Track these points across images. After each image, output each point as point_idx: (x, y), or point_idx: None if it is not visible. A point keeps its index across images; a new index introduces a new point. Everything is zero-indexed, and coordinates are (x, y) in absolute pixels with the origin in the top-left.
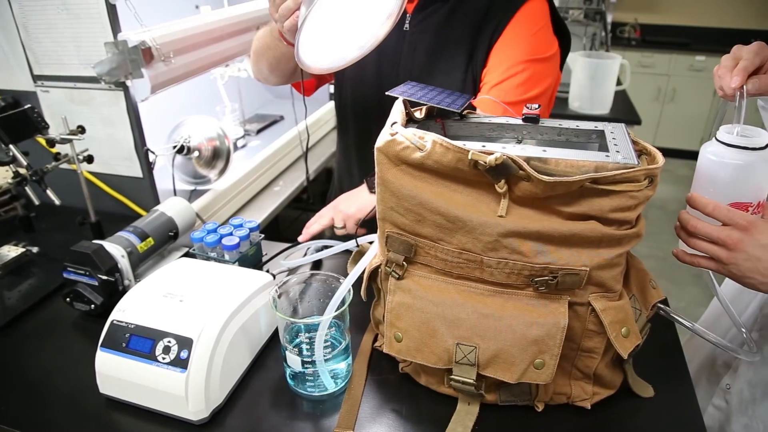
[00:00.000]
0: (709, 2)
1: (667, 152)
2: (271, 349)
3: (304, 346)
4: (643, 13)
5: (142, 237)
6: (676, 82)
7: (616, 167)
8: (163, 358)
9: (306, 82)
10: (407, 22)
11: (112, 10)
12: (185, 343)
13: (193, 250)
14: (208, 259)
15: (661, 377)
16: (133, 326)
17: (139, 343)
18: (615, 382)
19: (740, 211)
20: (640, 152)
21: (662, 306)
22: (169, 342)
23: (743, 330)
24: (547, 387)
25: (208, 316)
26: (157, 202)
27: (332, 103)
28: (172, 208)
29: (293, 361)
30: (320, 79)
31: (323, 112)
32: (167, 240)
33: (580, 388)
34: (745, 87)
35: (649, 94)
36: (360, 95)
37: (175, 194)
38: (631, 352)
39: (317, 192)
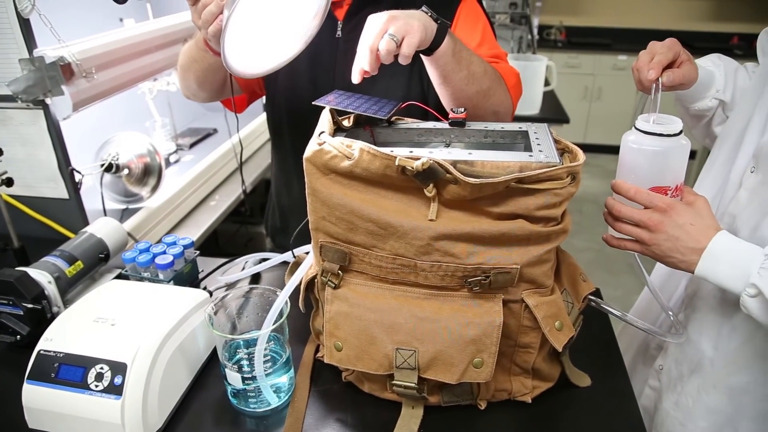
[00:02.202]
0: (628, 5)
1: (597, 148)
2: (211, 368)
3: (244, 362)
4: (568, 16)
5: (70, 261)
6: (602, 81)
7: (540, 166)
8: (96, 386)
9: (237, 99)
10: (339, 29)
11: (25, 24)
12: (119, 368)
13: (126, 271)
14: (141, 279)
15: (597, 366)
16: (62, 355)
17: (70, 372)
18: (553, 374)
19: (660, 194)
20: (563, 151)
21: (593, 298)
22: (101, 368)
23: (670, 313)
24: (488, 385)
25: (141, 339)
26: (86, 224)
27: (266, 115)
28: (102, 228)
29: (233, 379)
30: (251, 95)
31: (257, 123)
32: (98, 262)
33: (520, 383)
34: (660, 79)
35: (577, 93)
36: (295, 106)
37: (105, 214)
38: (566, 344)
39: (256, 204)
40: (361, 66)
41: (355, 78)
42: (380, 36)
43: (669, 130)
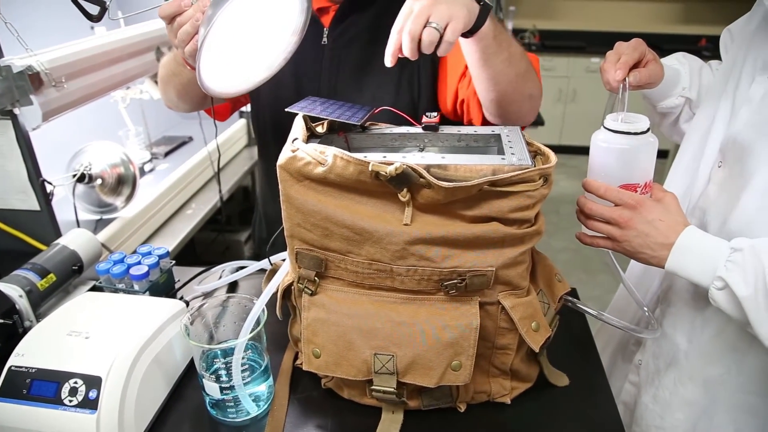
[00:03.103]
0: (600, 8)
1: (573, 149)
2: (189, 379)
3: (222, 372)
4: (542, 20)
5: (42, 274)
6: (576, 83)
7: (512, 169)
8: (70, 401)
9: (220, 107)
10: (325, 35)
11: None
12: (93, 382)
13: (100, 282)
14: (116, 291)
15: (575, 365)
16: (34, 370)
17: (42, 387)
18: (531, 375)
19: (629, 191)
20: (535, 153)
21: (569, 298)
22: (75, 383)
23: (645, 309)
24: (468, 387)
25: (116, 351)
26: (59, 235)
27: (243, 121)
28: (75, 240)
29: (211, 389)
30: (235, 103)
31: (234, 130)
32: (71, 275)
33: (498, 384)
34: (627, 79)
35: (552, 95)
36: (280, 116)
37: (78, 225)
38: (543, 345)
39: (234, 212)
40: (397, 50)
41: (389, 61)
42: (422, 23)
43: (637, 129)
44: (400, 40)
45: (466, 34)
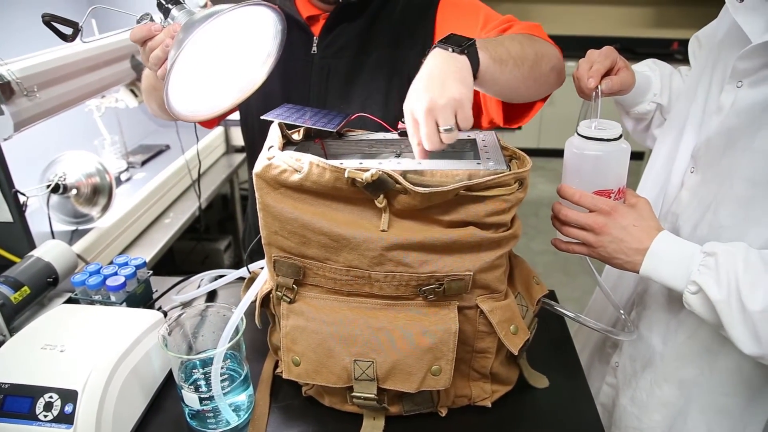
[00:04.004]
0: (575, 13)
1: (551, 152)
2: (168, 390)
3: (201, 382)
4: None
5: (16, 287)
6: None
7: (488, 173)
8: (45, 416)
9: None
10: (314, 45)
11: None
12: (69, 396)
13: (76, 294)
14: (92, 302)
15: (555, 367)
16: (6, 386)
17: (16, 403)
18: (511, 378)
19: (603, 197)
20: (511, 157)
21: (546, 300)
22: (50, 397)
23: (621, 312)
24: (448, 392)
25: (93, 364)
26: (33, 247)
27: (221, 129)
28: (50, 252)
29: (190, 400)
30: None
31: (212, 138)
32: (46, 287)
33: (479, 388)
34: (599, 87)
35: None
36: (269, 125)
37: (53, 237)
38: (522, 347)
39: (213, 220)
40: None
41: (421, 156)
42: (434, 129)
43: (609, 135)
44: (424, 150)
45: None
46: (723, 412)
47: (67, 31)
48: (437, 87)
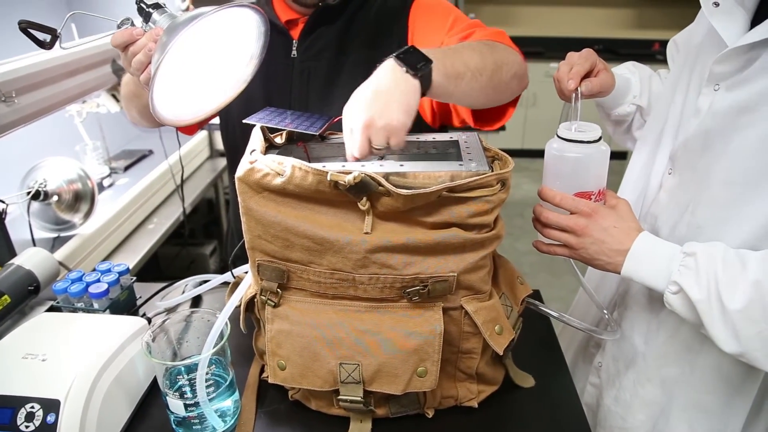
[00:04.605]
0: (558, 15)
1: (535, 153)
2: (153, 397)
3: (186, 389)
4: (500, 26)
5: None
6: (535, 88)
7: (470, 175)
8: (27, 427)
9: None
10: (294, 48)
11: None
12: (51, 405)
13: (58, 302)
14: (74, 310)
15: (540, 366)
16: None
17: None
18: (497, 378)
19: (584, 199)
20: (493, 158)
21: (531, 300)
22: (32, 408)
23: (604, 311)
24: (435, 393)
25: (75, 373)
26: (13, 255)
27: (204, 133)
28: (31, 259)
29: (176, 406)
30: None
31: (195, 142)
32: (27, 295)
33: (465, 388)
34: (579, 89)
35: None
36: (251, 131)
37: (34, 244)
38: (507, 347)
39: (198, 225)
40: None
41: (350, 159)
42: (367, 146)
43: (589, 137)
44: (353, 155)
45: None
46: (704, 411)
47: (45, 38)
48: (379, 107)
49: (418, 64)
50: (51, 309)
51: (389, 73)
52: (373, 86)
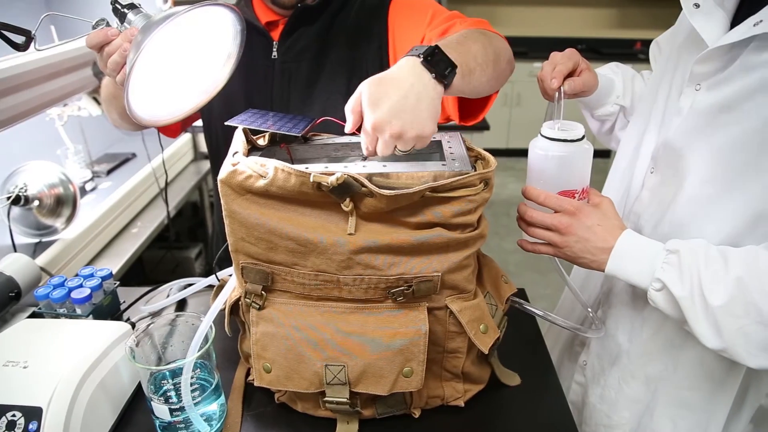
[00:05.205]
0: (542, 15)
1: (521, 152)
2: (138, 402)
3: (171, 393)
4: None
5: None
6: (520, 88)
7: (453, 175)
8: None
9: (170, 125)
10: (274, 49)
11: None
12: (33, 413)
13: (40, 308)
14: (57, 316)
15: (526, 365)
16: None
17: None
18: (483, 376)
19: (568, 198)
20: (476, 158)
21: (515, 299)
22: (13, 416)
23: (588, 310)
24: (421, 393)
25: (57, 379)
26: None
27: (188, 136)
28: (11, 265)
29: (161, 411)
30: (185, 120)
31: (179, 145)
32: (8, 302)
33: (451, 388)
34: (562, 88)
35: (498, 100)
36: (232, 132)
37: (15, 250)
38: (492, 346)
39: (183, 228)
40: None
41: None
42: (392, 149)
43: (572, 136)
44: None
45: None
46: (688, 407)
47: (19, 39)
48: (409, 116)
49: (445, 70)
50: (33, 315)
51: (417, 78)
52: (399, 90)
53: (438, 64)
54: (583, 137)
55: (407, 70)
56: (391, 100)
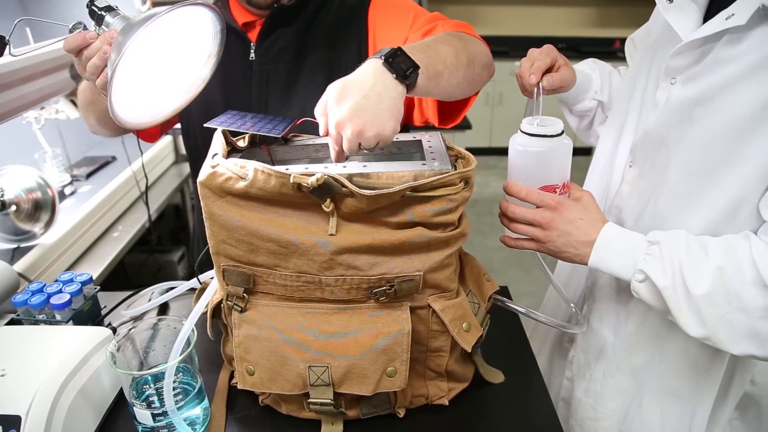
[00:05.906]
0: (521, 14)
1: (503, 151)
2: (120, 408)
3: (154, 398)
4: None
5: None
6: (502, 87)
7: (433, 174)
8: None
9: (149, 129)
10: (252, 50)
11: None
12: (12, 422)
13: (18, 315)
14: (36, 322)
15: (510, 362)
16: None
17: None
18: (467, 375)
19: (549, 193)
20: (456, 157)
21: (498, 297)
22: None
23: (572, 305)
24: (405, 392)
25: (36, 387)
26: None
27: (169, 138)
28: None
29: (143, 417)
30: (165, 124)
31: (160, 147)
32: None
33: (436, 386)
34: (540, 83)
35: (480, 99)
36: (211, 134)
37: None
38: (475, 344)
39: (165, 231)
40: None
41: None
42: (356, 147)
43: (551, 131)
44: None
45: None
46: (674, 395)
47: None
48: (370, 115)
49: (407, 71)
50: (11, 322)
51: (378, 78)
52: (361, 90)
53: (399, 65)
54: (562, 132)
55: (370, 71)
56: (353, 100)
